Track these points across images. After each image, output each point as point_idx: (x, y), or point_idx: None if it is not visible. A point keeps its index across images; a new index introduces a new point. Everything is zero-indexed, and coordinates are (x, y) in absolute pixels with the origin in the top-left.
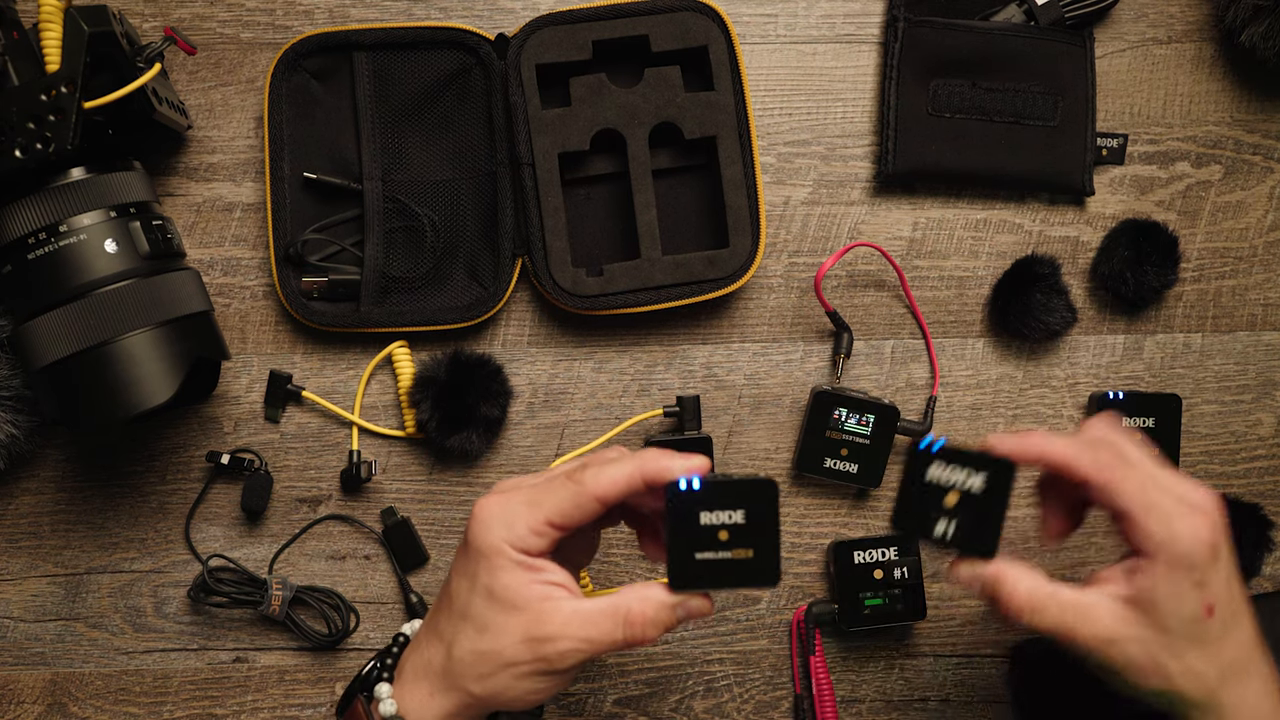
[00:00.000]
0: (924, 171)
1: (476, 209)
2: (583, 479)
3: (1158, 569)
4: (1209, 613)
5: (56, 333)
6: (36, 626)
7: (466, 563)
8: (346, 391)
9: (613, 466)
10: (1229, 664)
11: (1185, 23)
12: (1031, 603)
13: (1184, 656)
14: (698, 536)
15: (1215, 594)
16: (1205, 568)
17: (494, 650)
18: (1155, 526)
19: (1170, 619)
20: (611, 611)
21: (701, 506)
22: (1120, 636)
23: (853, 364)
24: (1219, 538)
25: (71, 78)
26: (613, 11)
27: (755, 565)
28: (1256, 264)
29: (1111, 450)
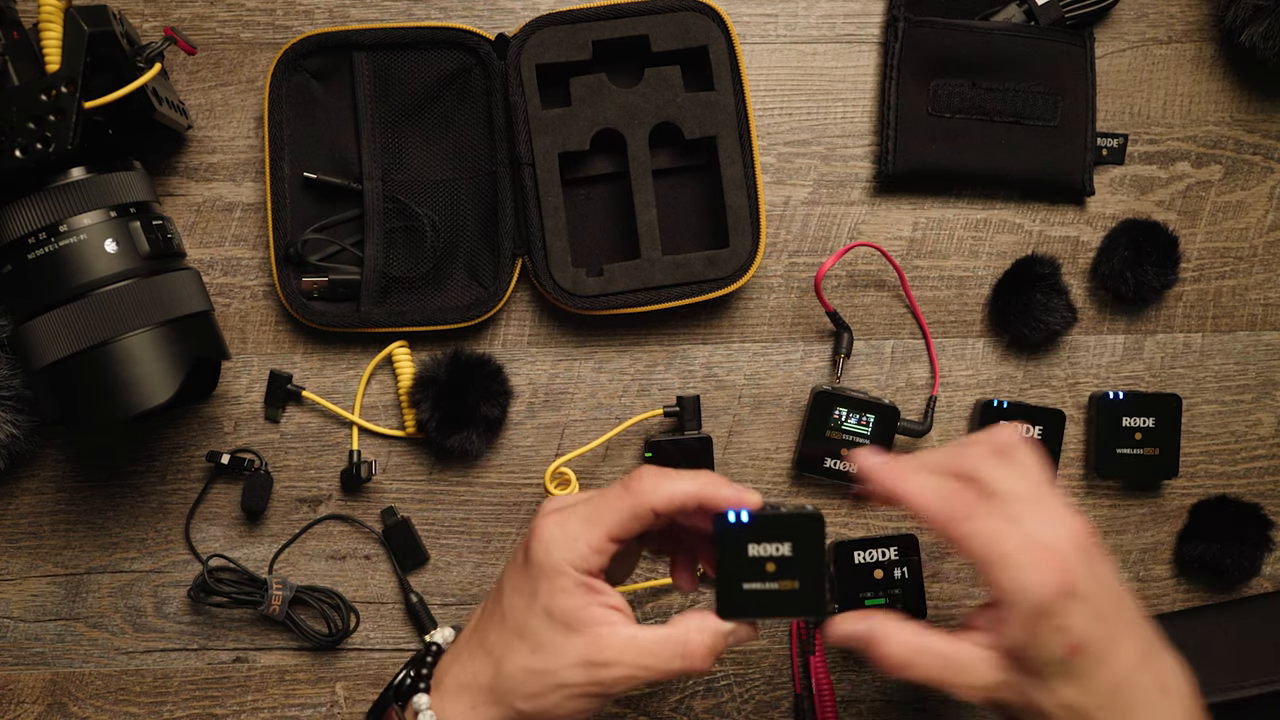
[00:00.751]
0: (924, 171)
1: (477, 209)
2: (640, 489)
3: (1015, 620)
4: (1074, 652)
5: (56, 333)
6: (36, 626)
7: (525, 580)
8: (346, 391)
9: (671, 481)
10: (1106, 689)
11: (1185, 23)
12: (906, 660)
13: (1057, 693)
14: (745, 567)
15: (1079, 632)
16: (1062, 613)
17: (548, 670)
18: (1005, 579)
19: (1037, 664)
20: (670, 640)
21: (750, 538)
22: (992, 684)
23: (853, 364)
24: (1070, 577)
25: (72, 78)
26: (613, 11)
27: (801, 596)
28: (1256, 264)
29: (967, 496)
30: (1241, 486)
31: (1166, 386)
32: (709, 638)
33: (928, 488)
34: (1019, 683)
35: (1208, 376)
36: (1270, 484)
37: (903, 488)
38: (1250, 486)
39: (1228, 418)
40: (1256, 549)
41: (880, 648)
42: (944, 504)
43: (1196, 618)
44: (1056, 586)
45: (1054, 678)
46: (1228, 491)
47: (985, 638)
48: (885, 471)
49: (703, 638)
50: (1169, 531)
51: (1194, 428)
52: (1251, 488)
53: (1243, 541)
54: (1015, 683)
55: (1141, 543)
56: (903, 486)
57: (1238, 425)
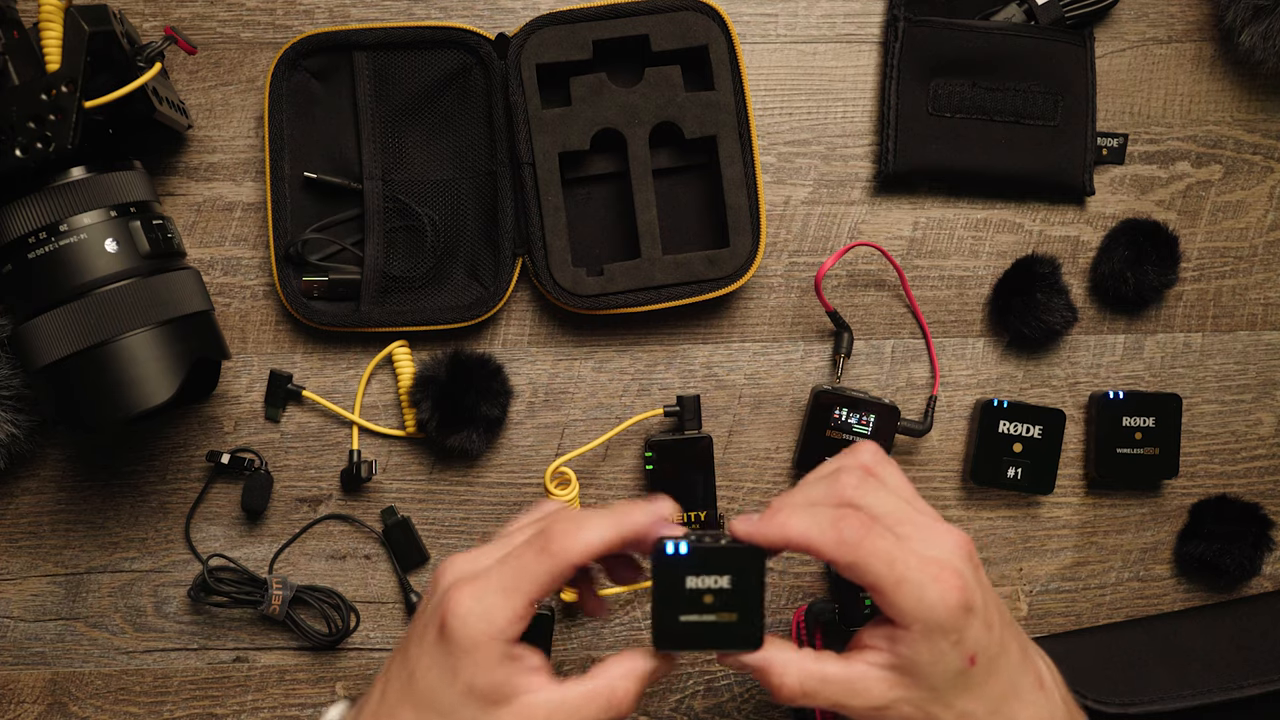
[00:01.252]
0: (924, 171)
1: (477, 208)
2: (556, 551)
3: (915, 638)
4: (971, 663)
5: (56, 332)
6: (36, 626)
7: (443, 656)
8: (346, 391)
9: (586, 530)
10: (998, 694)
11: (1185, 23)
12: (803, 689)
13: (954, 705)
14: (683, 599)
15: (974, 644)
16: (960, 627)
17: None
18: (906, 600)
19: (935, 679)
20: (595, 695)
21: (688, 570)
22: (890, 702)
23: (853, 364)
24: (968, 592)
25: (72, 77)
26: (613, 11)
27: (738, 629)
28: (1256, 264)
29: (853, 521)
30: (1241, 486)
31: (1166, 386)
32: (634, 684)
33: (813, 525)
34: (916, 698)
35: (1208, 376)
36: (1270, 484)
37: (788, 533)
38: (1250, 486)
39: (1228, 418)
40: (1256, 549)
41: (775, 680)
42: (834, 534)
43: (1196, 618)
44: (957, 603)
45: (950, 690)
46: (1228, 491)
47: (880, 656)
48: (764, 527)
49: (628, 684)
50: (1169, 531)
51: (1194, 428)
52: (1251, 488)
53: (1243, 541)
54: (912, 698)
55: (1141, 543)
56: (788, 532)
57: (1238, 425)
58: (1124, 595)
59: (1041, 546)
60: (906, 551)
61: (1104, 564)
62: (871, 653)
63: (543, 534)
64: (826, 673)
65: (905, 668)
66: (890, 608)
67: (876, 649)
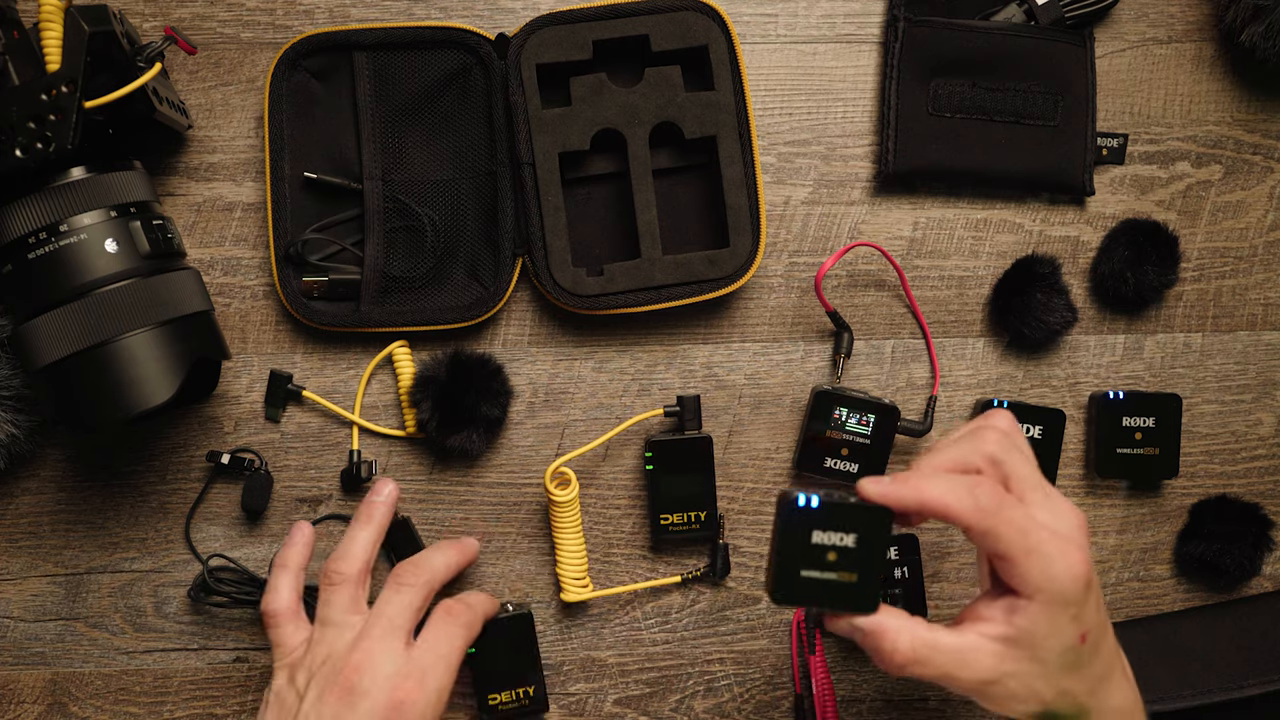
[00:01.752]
0: (924, 171)
1: (477, 209)
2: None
3: (1038, 608)
4: (1083, 640)
5: (56, 333)
6: (36, 626)
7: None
8: (347, 391)
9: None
10: (1097, 676)
11: (1185, 23)
12: (915, 656)
13: (1059, 682)
14: (806, 553)
15: (1089, 622)
16: (1081, 602)
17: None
18: (1033, 571)
19: (1049, 652)
20: None
21: (816, 525)
22: (1001, 675)
23: (853, 364)
24: (1090, 567)
25: (72, 77)
26: (613, 11)
27: (857, 590)
28: (1256, 264)
29: (991, 490)
30: (1241, 486)
31: (1166, 386)
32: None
33: (949, 491)
34: (1024, 673)
35: (1208, 376)
36: (1270, 484)
37: (924, 497)
38: (1250, 486)
39: (1228, 418)
40: (1256, 549)
41: (888, 645)
42: (970, 501)
43: (1196, 618)
44: (1082, 577)
45: (1059, 666)
46: (1228, 491)
47: (994, 628)
48: (899, 489)
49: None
50: (1169, 531)
51: (1194, 428)
52: (1251, 488)
53: (1243, 541)
54: (1020, 673)
55: (1141, 543)
56: (924, 496)
57: (1238, 425)
58: (1124, 595)
59: None
60: (1037, 524)
61: (1104, 564)
62: (986, 624)
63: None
64: (940, 641)
65: (1020, 640)
66: (1016, 578)
67: (991, 620)
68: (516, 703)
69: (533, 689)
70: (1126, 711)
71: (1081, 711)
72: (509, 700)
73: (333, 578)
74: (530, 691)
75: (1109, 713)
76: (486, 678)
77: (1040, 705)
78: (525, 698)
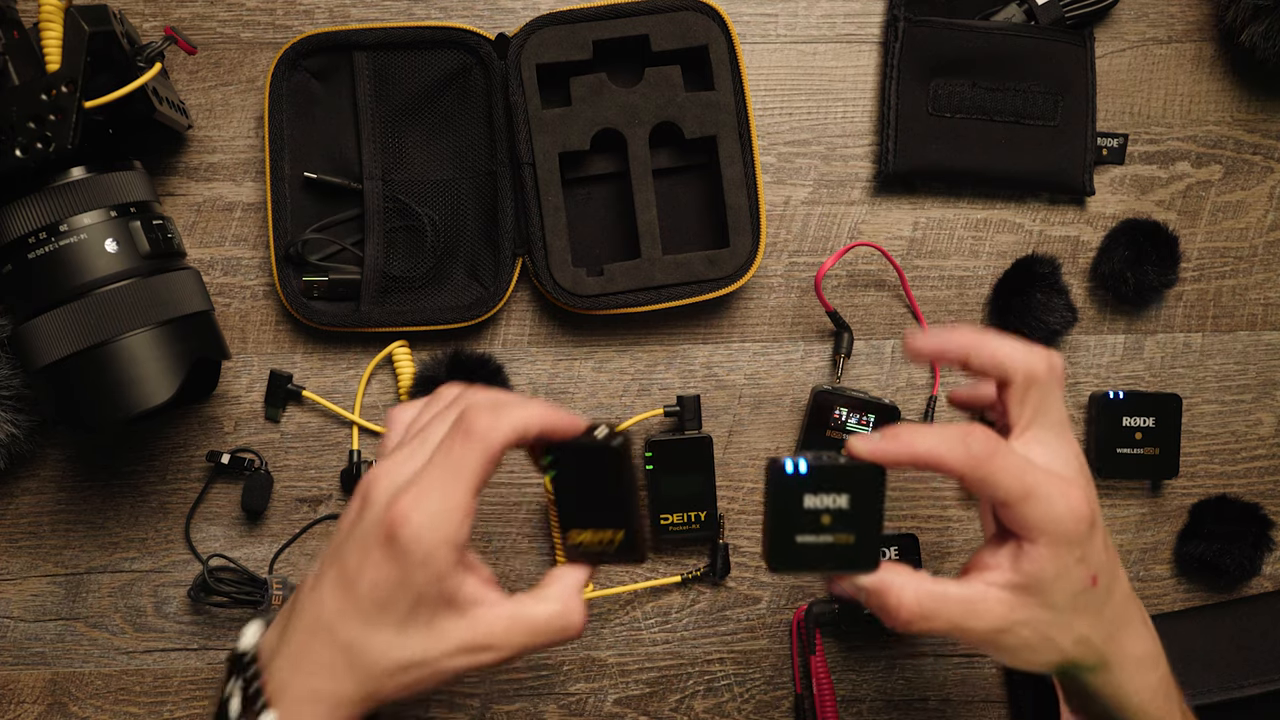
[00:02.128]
0: (924, 171)
1: (477, 209)
2: (482, 432)
3: (1042, 551)
4: (1093, 583)
5: (56, 332)
6: (36, 626)
7: (394, 570)
8: (347, 391)
9: (509, 413)
10: (1112, 620)
11: (1185, 23)
12: (922, 610)
13: (1074, 628)
14: (800, 519)
15: (1096, 563)
16: (1086, 542)
17: (427, 659)
18: (1034, 512)
19: (1058, 596)
20: (551, 618)
21: (806, 489)
22: (1012, 623)
23: (853, 364)
24: (1094, 506)
25: (72, 77)
26: (613, 11)
27: (856, 550)
28: (1256, 264)
29: (983, 436)
30: (1241, 486)
31: (1166, 386)
32: (582, 602)
33: (940, 441)
34: (1037, 619)
35: (1208, 376)
36: (1270, 484)
37: (915, 449)
38: (1250, 486)
39: (1228, 418)
40: (1256, 549)
41: (894, 600)
42: (962, 449)
43: (1196, 618)
44: (1085, 516)
45: (1071, 610)
46: (1228, 491)
47: (1001, 575)
48: (888, 444)
49: (577, 604)
50: (1169, 531)
51: (1194, 428)
52: (1251, 488)
53: (1243, 541)
54: (1032, 620)
55: (1141, 543)
56: (915, 449)
57: (1238, 425)
58: None
59: None
60: (1034, 466)
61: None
62: (992, 572)
63: (462, 422)
64: (947, 593)
65: (1028, 586)
66: (1017, 521)
67: (997, 568)
68: (602, 547)
69: (623, 534)
70: (1148, 661)
71: (1102, 661)
72: (593, 543)
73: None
74: (619, 537)
75: (1129, 662)
76: (569, 514)
77: (1059, 655)
78: (611, 544)
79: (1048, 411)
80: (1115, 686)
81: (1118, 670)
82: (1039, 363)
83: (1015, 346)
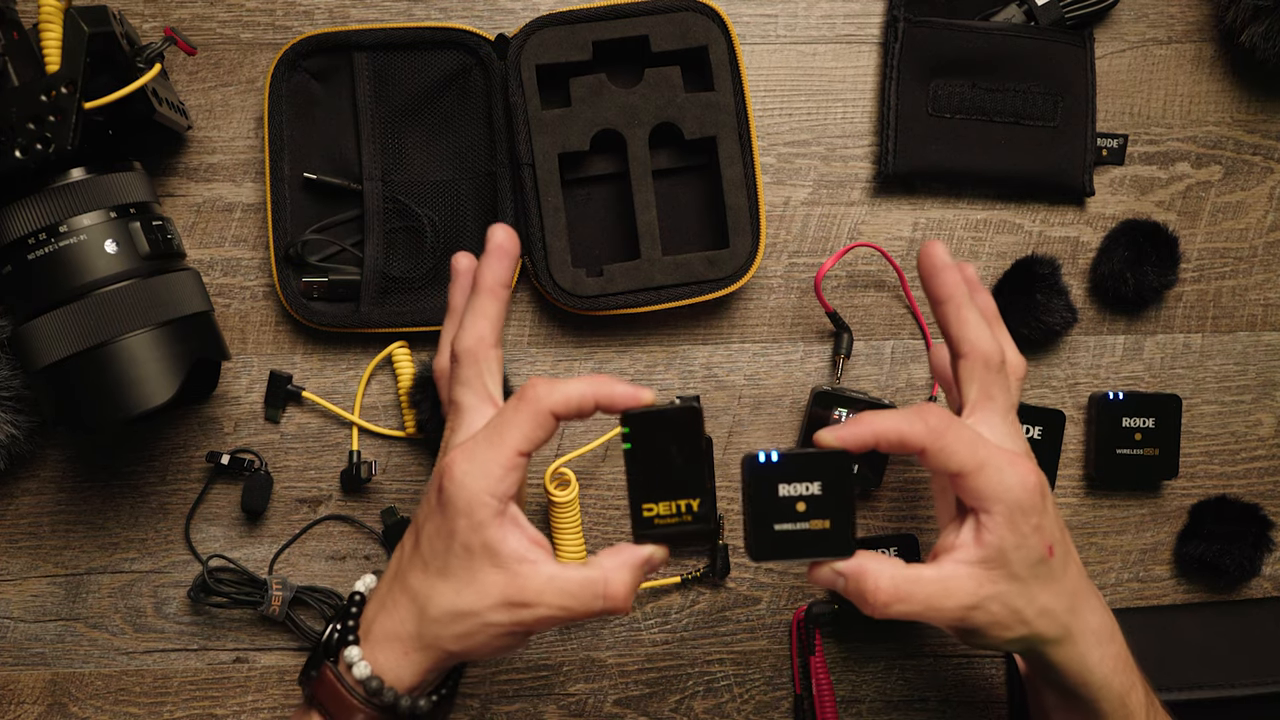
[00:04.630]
0: (924, 172)
1: (476, 209)
2: (536, 396)
3: (999, 520)
4: (1051, 552)
5: (56, 333)
6: (36, 626)
7: (442, 520)
8: (346, 392)
9: (564, 384)
10: (1071, 592)
11: (1185, 23)
12: (897, 593)
13: (1037, 599)
14: (776, 508)
15: (1051, 533)
16: (1039, 511)
17: (474, 610)
18: (989, 482)
19: (1020, 567)
20: (589, 584)
21: (780, 478)
22: (981, 598)
23: (853, 364)
24: (1043, 479)
25: (71, 78)
26: (613, 12)
27: (831, 536)
28: (1256, 264)
29: (938, 412)
30: (1241, 486)
31: (1166, 387)
32: (629, 575)
33: (901, 419)
34: (1003, 593)
35: (1208, 377)
36: (1270, 484)
37: (877, 429)
38: (1250, 486)
39: (1228, 418)
40: (1256, 549)
41: (870, 585)
42: (921, 424)
43: (1196, 612)
44: (1035, 485)
45: (1033, 580)
46: (1228, 491)
47: (967, 552)
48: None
49: (622, 576)
50: (1169, 531)
51: (1194, 428)
52: (1251, 488)
53: (1243, 542)
54: (1000, 594)
55: (1141, 543)
56: (876, 428)
57: (1238, 425)
58: (1124, 596)
59: None
60: (984, 439)
61: (1104, 564)
62: (958, 550)
63: (524, 388)
64: (920, 575)
65: (992, 559)
66: (973, 492)
67: (962, 546)
68: (676, 517)
69: (697, 502)
70: (1106, 632)
71: (1065, 632)
72: (666, 514)
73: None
74: (694, 506)
75: (1089, 633)
76: (643, 485)
77: (1025, 628)
78: (687, 511)
79: (994, 396)
80: (1079, 659)
81: (1080, 642)
82: (991, 345)
83: (980, 325)
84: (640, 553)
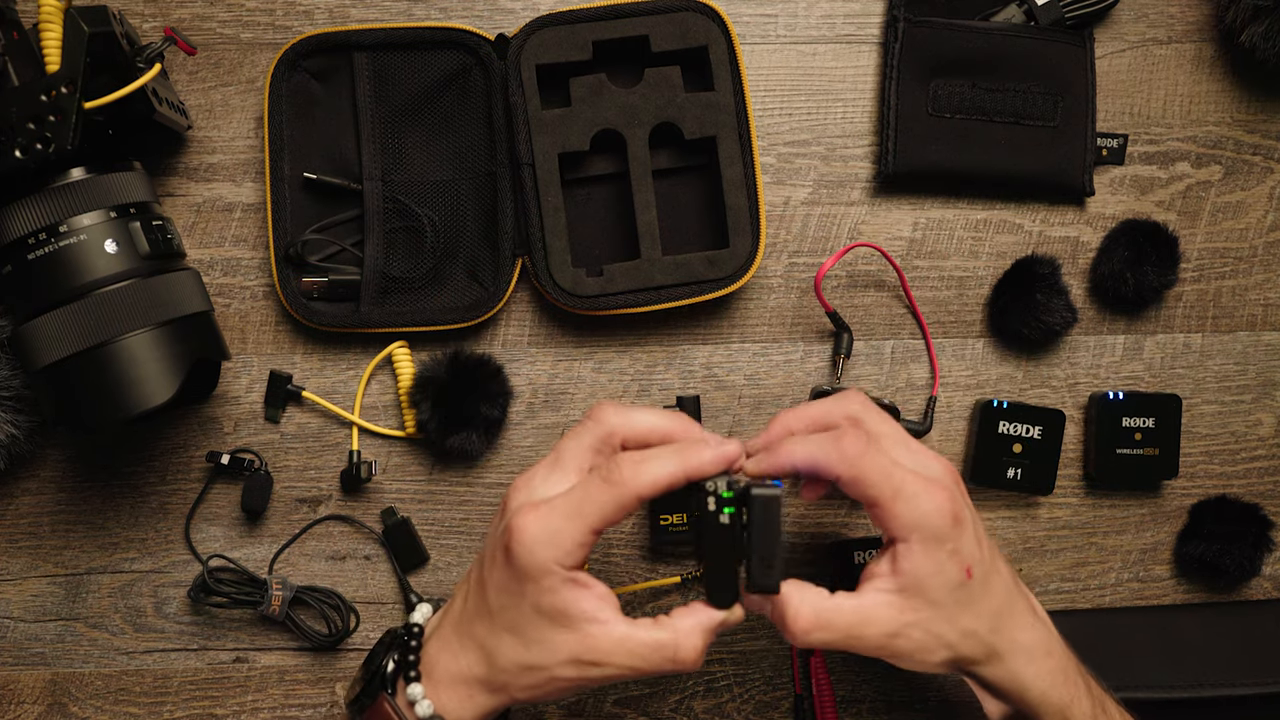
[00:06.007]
0: (924, 171)
1: (476, 209)
2: (622, 480)
3: (915, 549)
4: (968, 575)
5: (56, 333)
6: (36, 626)
7: (510, 579)
8: (346, 392)
9: (653, 464)
10: (995, 612)
11: (1185, 23)
12: (818, 621)
13: (958, 622)
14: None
15: (968, 555)
16: (955, 537)
17: (542, 665)
18: (903, 511)
19: (938, 593)
20: (659, 647)
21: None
22: (901, 626)
23: (853, 364)
24: (958, 505)
25: (71, 78)
26: (613, 11)
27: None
28: (1256, 264)
29: (854, 439)
30: (1241, 487)
31: (1166, 386)
32: (699, 639)
33: (817, 448)
34: (923, 619)
35: (1208, 377)
36: (1270, 484)
37: (796, 459)
38: (1250, 486)
39: (1228, 418)
40: (1256, 549)
41: (791, 613)
42: (837, 452)
43: (1196, 612)
44: (949, 512)
45: (953, 604)
46: (1228, 491)
47: (886, 581)
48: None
49: (694, 641)
50: (1169, 531)
51: (1194, 428)
52: (1251, 488)
53: (1243, 542)
54: (920, 621)
55: (1141, 543)
56: (795, 458)
57: (1238, 425)
58: (1124, 596)
59: (1041, 547)
60: (901, 467)
61: (1104, 564)
62: (878, 579)
63: (610, 468)
64: (840, 605)
65: (909, 587)
66: (889, 520)
67: (881, 576)
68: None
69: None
70: (1040, 648)
71: (991, 652)
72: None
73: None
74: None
75: (1019, 651)
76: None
77: (949, 652)
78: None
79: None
80: (1012, 676)
81: (1010, 660)
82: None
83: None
84: (715, 616)
